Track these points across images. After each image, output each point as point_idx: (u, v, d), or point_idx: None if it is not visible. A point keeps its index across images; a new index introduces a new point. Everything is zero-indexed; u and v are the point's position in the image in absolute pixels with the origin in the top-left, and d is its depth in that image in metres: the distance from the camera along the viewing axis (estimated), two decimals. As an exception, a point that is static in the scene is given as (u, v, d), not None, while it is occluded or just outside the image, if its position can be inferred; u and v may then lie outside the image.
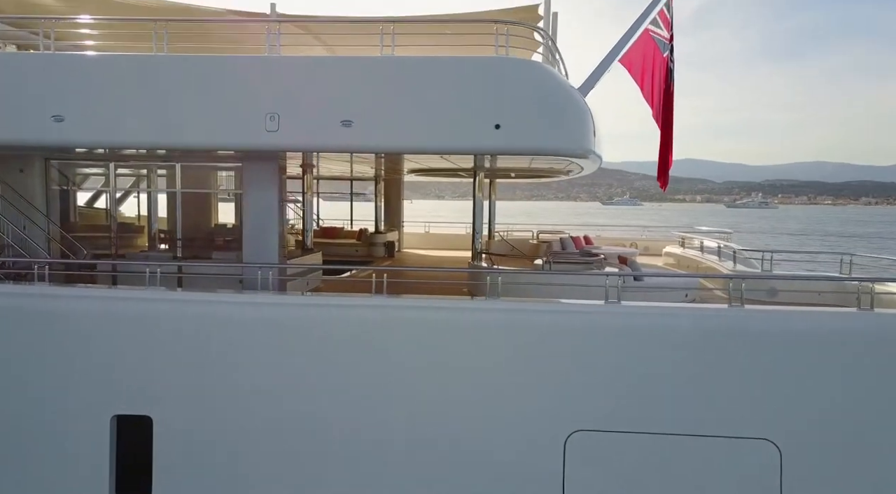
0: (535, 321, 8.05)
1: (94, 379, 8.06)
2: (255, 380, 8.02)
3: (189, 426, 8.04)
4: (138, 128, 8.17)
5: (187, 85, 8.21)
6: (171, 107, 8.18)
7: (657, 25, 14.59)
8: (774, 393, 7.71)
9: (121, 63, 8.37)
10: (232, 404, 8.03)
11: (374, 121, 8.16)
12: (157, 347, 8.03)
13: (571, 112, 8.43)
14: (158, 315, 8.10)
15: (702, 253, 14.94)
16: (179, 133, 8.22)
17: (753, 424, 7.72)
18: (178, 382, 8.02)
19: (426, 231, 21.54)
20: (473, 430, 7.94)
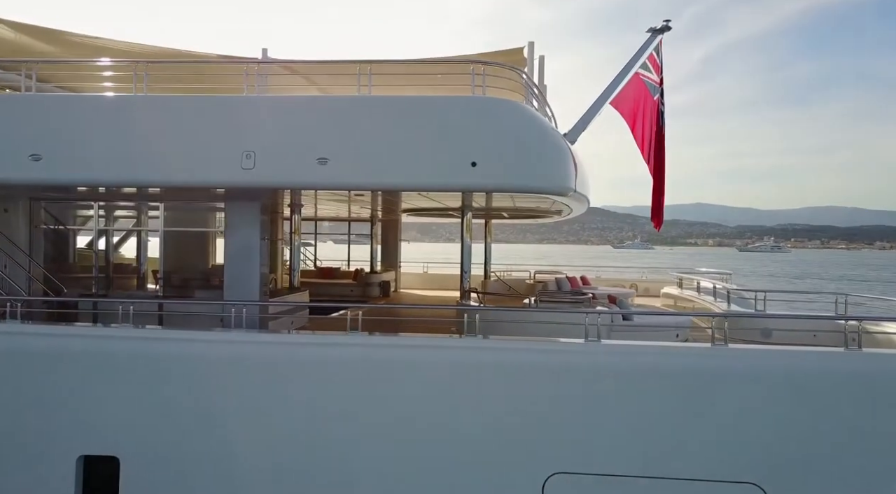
0: (513, 359, 7.88)
1: (62, 419, 7.93)
2: (225, 421, 7.85)
3: (156, 467, 7.84)
4: (115, 166, 8.24)
5: (164, 124, 8.32)
6: (147, 146, 8.27)
7: (647, 69, 14.75)
8: (760, 435, 7.43)
9: (99, 103, 8.52)
10: (200, 445, 7.84)
11: (350, 158, 8.19)
12: (125, 386, 7.91)
13: (548, 150, 8.43)
14: (127, 353, 8.00)
15: (698, 294, 14.73)
16: (156, 171, 8.28)
17: (738, 467, 7.42)
18: (146, 422, 7.86)
19: (424, 271, 21.48)
20: (448, 470, 7.68)
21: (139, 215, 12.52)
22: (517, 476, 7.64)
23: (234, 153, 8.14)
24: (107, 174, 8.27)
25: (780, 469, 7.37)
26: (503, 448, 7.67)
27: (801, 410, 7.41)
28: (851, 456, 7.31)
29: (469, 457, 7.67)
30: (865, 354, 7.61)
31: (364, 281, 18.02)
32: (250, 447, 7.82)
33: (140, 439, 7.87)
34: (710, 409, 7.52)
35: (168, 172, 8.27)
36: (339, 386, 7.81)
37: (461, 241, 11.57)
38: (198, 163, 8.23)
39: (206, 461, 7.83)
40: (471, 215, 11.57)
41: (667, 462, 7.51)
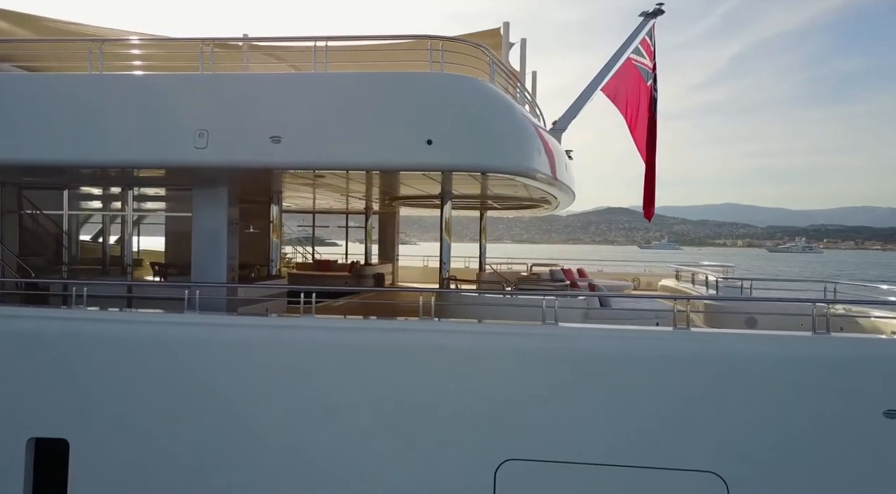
0: (466, 343, 7.64)
1: (13, 400, 7.90)
2: (174, 403, 7.75)
3: (105, 449, 7.77)
4: (65, 146, 8.19)
5: (116, 103, 8.24)
6: (100, 126, 8.19)
7: (639, 54, 14.38)
8: (721, 422, 7.09)
9: (50, 82, 8.48)
10: (149, 427, 7.75)
11: (304, 137, 8.02)
12: (74, 368, 7.85)
13: (507, 129, 8.16)
14: (76, 335, 7.94)
15: (693, 285, 14.32)
16: (108, 150, 8.20)
17: (698, 455, 7.09)
18: (95, 405, 7.79)
19: (425, 264, 21.30)
20: (397, 456, 7.47)
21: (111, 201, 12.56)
22: (469, 463, 7.40)
23: (186, 132, 8.03)
24: (56, 154, 8.22)
25: (741, 458, 7.02)
26: (455, 433, 7.44)
27: (763, 397, 7.05)
28: (815, 445, 6.92)
29: (419, 443, 7.45)
30: (833, 338, 7.21)
31: (358, 274, 17.90)
32: (199, 429, 7.70)
33: (89, 422, 7.80)
34: (670, 395, 7.20)
35: (120, 152, 8.19)
36: (285, 368, 7.65)
37: (440, 231, 11.36)
38: (150, 143, 8.14)
39: (154, 443, 7.73)
40: (450, 204, 11.35)
41: (623, 449, 7.21)
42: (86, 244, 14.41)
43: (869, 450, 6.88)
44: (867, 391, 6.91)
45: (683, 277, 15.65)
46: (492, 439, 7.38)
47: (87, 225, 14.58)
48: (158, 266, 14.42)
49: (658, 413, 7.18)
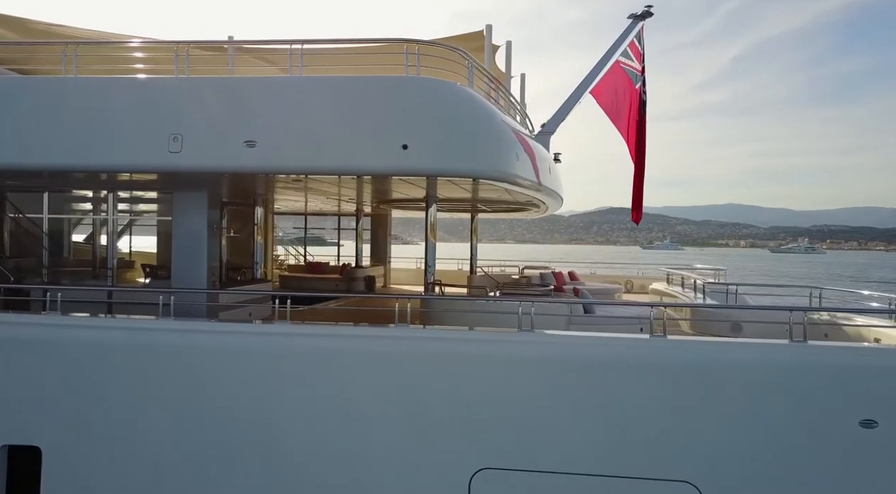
0: (441, 349, 7.57)
1: None
2: (147, 410, 7.69)
3: (77, 458, 7.71)
4: (43, 150, 8.14)
5: (91, 106, 8.18)
6: (75, 129, 8.14)
7: (628, 57, 14.29)
8: (695, 431, 7.01)
9: (27, 85, 8.44)
10: (122, 435, 7.69)
11: (278, 141, 7.96)
12: (47, 374, 7.79)
13: (484, 133, 8.08)
14: (48, 341, 7.89)
15: (682, 289, 14.22)
16: (83, 154, 8.15)
17: (672, 464, 7.02)
18: (67, 412, 7.74)
19: (417, 267, 21.22)
20: (372, 464, 7.41)
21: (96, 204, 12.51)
22: (444, 471, 7.33)
23: (161, 136, 7.97)
24: (31, 158, 8.17)
25: (716, 468, 6.94)
26: (430, 441, 7.37)
27: (740, 405, 6.97)
28: (790, 455, 6.84)
29: (394, 450, 7.38)
30: (810, 347, 7.12)
31: (349, 277, 17.84)
32: (172, 436, 7.65)
33: (60, 430, 7.74)
34: (644, 404, 7.12)
35: (93, 156, 8.13)
36: (259, 375, 7.58)
37: (425, 234, 11.28)
38: (124, 147, 8.08)
39: (126, 451, 7.68)
40: (435, 207, 11.28)
41: (597, 458, 7.14)
42: (79, 245, 14.38)
43: (845, 460, 6.80)
44: (844, 400, 6.83)
45: (674, 281, 15.55)
46: (467, 447, 7.31)
47: (81, 226, 14.57)
48: (150, 267, 14.39)
49: (633, 422, 7.11)
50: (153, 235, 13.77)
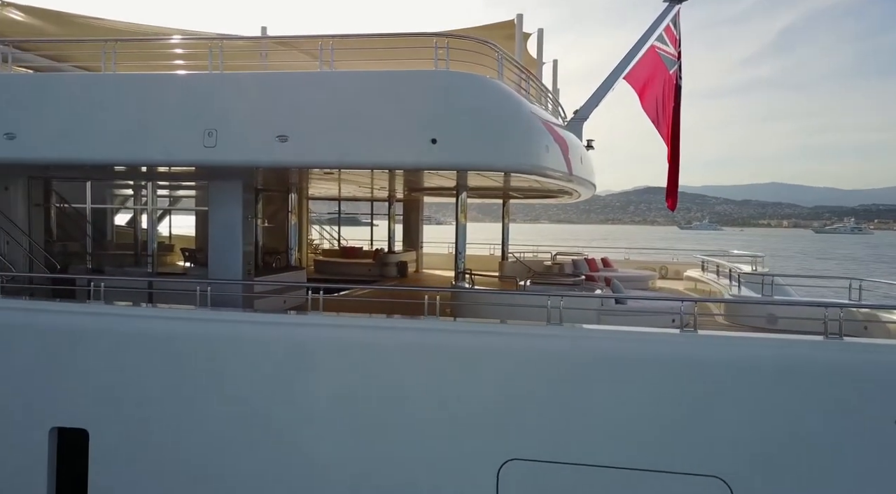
0: (471, 342, 7.65)
1: (37, 391, 8.24)
2: (188, 396, 7.97)
3: (122, 440, 8.07)
4: (81, 145, 8.41)
5: (129, 102, 8.41)
6: (114, 124, 8.39)
7: (663, 42, 13.98)
8: (727, 427, 6.97)
9: (68, 82, 8.70)
10: (164, 420, 8.00)
11: (310, 136, 8.07)
12: (94, 361, 8.14)
13: (512, 126, 8.06)
14: (96, 329, 8.22)
15: (717, 278, 14.03)
16: (121, 150, 8.40)
17: (702, 459, 7.00)
18: (112, 396, 8.08)
19: (449, 252, 21.32)
20: (402, 455, 7.58)
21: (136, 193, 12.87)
22: (472, 462, 7.45)
23: (196, 131, 8.16)
24: (73, 153, 8.45)
25: (747, 464, 6.90)
26: (459, 432, 7.49)
27: (772, 401, 6.90)
28: (822, 452, 6.77)
29: (423, 441, 7.53)
30: (846, 344, 7.00)
31: (382, 262, 18.05)
32: (211, 422, 7.92)
33: (107, 413, 8.09)
34: (675, 399, 7.11)
35: (132, 151, 8.38)
36: (290, 365, 7.78)
37: (455, 221, 11.35)
38: (161, 142, 8.30)
39: (169, 435, 7.99)
40: (465, 195, 11.33)
41: (626, 451, 7.16)
42: (121, 229, 14.86)
43: (878, 458, 6.70)
44: (878, 398, 6.71)
45: (709, 268, 15.34)
46: (495, 438, 7.41)
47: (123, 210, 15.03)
48: (188, 251, 14.81)
49: (663, 416, 7.10)
50: (192, 216, 14.14)
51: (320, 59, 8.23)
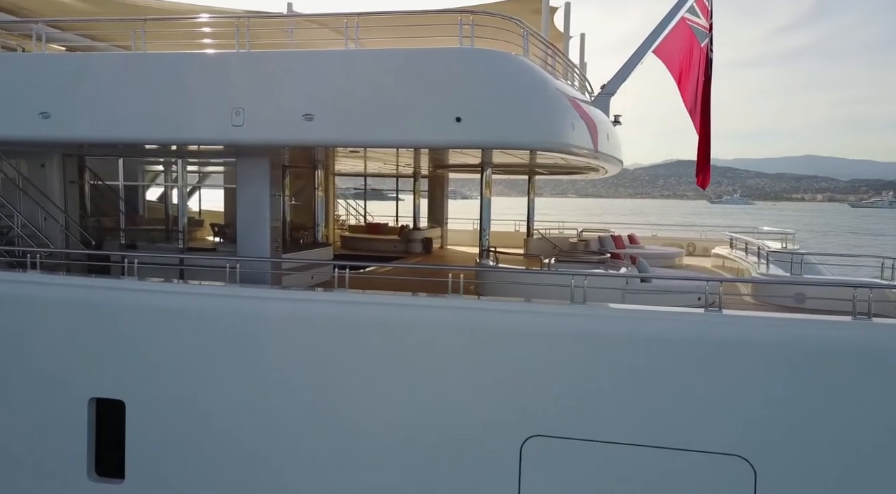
0: (494, 320, 7.73)
1: (76, 363, 8.56)
2: (219, 370, 8.22)
3: (156, 411, 8.36)
4: (114, 123, 8.59)
5: (159, 81, 8.54)
6: (145, 103, 8.54)
7: (694, 14, 13.63)
8: (751, 406, 6.98)
9: (99, 62, 8.85)
10: (198, 393, 8.27)
11: (335, 114, 8.12)
12: (131, 335, 8.40)
13: (537, 103, 8.00)
14: (128, 303, 8.47)
15: (745, 255, 13.85)
16: (151, 128, 8.56)
17: (726, 438, 7.03)
18: (146, 369, 8.36)
19: (474, 228, 21.34)
20: (424, 431, 7.74)
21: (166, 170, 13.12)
22: (495, 438, 7.58)
23: (224, 110, 8.27)
24: (105, 132, 8.64)
25: (771, 444, 6.92)
26: (482, 409, 7.61)
27: (797, 382, 6.88)
28: (848, 434, 6.74)
29: (447, 418, 7.66)
30: (874, 325, 6.91)
31: (407, 238, 18.18)
32: (241, 395, 8.16)
33: (143, 385, 8.39)
34: (699, 377, 7.12)
35: (162, 130, 8.53)
36: (317, 341, 7.95)
37: (480, 198, 11.35)
38: (190, 121, 8.43)
39: (201, 407, 8.26)
40: (490, 171, 11.32)
41: (649, 429, 7.22)
42: (153, 204, 15.19)
43: None
44: None
45: (737, 245, 15.13)
46: (518, 415, 7.51)
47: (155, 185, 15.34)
48: (217, 226, 15.10)
49: (685, 396, 7.13)
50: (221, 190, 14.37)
51: (345, 37, 8.24)
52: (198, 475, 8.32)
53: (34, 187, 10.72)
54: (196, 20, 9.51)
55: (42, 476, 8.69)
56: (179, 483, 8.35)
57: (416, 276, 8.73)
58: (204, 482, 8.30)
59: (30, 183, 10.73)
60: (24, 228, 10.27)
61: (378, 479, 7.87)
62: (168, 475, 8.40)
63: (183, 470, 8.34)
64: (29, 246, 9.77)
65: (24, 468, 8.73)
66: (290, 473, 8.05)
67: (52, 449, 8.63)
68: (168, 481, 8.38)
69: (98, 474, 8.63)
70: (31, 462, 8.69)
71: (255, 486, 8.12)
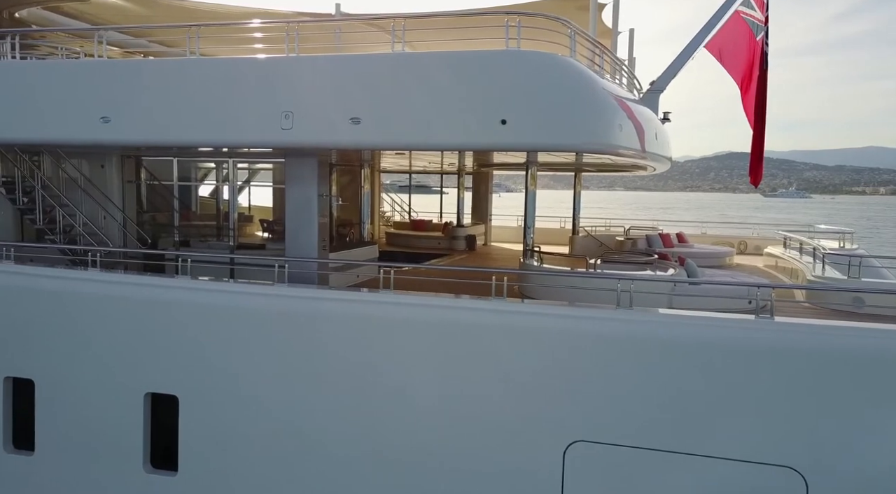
0: (538, 324, 7.69)
1: (132, 358, 8.88)
2: (268, 367, 8.41)
3: (209, 406, 8.62)
4: (169, 127, 8.86)
5: (211, 86, 8.76)
6: (198, 108, 8.78)
7: (749, 6, 13.18)
8: (803, 416, 6.77)
9: (155, 67, 9.13)
10: (243, 389, 8.49)
11: (381, 117, 8.19)
12: (184, 332, 8.68)
13: (585, 105, 7.90)
14: (181, 302, 8.74)
15: (800, 256, 13.41)
16: (206, 131, 8.79)
17: (776, 449, 6.84)
18: (199, 365, 8.62)
19: (518, 224, 21.23)
20: (468, 433, 7.76)
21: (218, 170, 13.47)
22: (538, 442, 7.56)
23: (274, 113, 8.43)
24: (160, 135, 8.92)
25: (824, 456, 6.70)
26: (525, 413, 7.59)
27: (854, 393, 6.64)
28: None
29: (491, 422, 7.67)
30: None
31: (451, 235, 18.23)
32: (290, 392, 8.34)
33: (195, 381, 8.66)
34: (749, 385, 6.94)
35: (214, 133, 8.75)
36: (362, 341, 8.04)
37: (525, 196, 11.28)
38: (241, 124, 8.62)
39: (248, 404, 8.48)
40: (535, 168, 11.25)
41: (696, 438, 7.08)
42: (204, 200, 15.63)
43: None
44: None
45: (791, 245, 14.64)
46: (562, 419, 7.47)
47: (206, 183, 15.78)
48: (267, 222, 15.43)
49: (736, 404, 6.97)
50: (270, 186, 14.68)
51: (392, 40, 8.28)
52: (249, 469, 8.55)
53: (94, 187, 11.16)
54: (247, 25, 9.72)
55: (99, 467, 9.07)
56: (231, 477, 8.60)
57: (461, 278, 8.73)
58: (255, 476, 8.54)
59: (91, 183, 11.17)
60: (85, 226, 10.71)
61: (422, 481, 7.93)
62: (219, 469, 8.66)
63: (234, 465, 8.58)
64: (89, 244, 10.18)
65: (82, 459, 9.12)
66: (338, 470, 8.20)
67: (109, 442, 8.99)
68: (219, 475, 8.64)
69: (153, 466, 8.97)
70: (89, 453, 9.08)
71: (306, 482, 8.30)
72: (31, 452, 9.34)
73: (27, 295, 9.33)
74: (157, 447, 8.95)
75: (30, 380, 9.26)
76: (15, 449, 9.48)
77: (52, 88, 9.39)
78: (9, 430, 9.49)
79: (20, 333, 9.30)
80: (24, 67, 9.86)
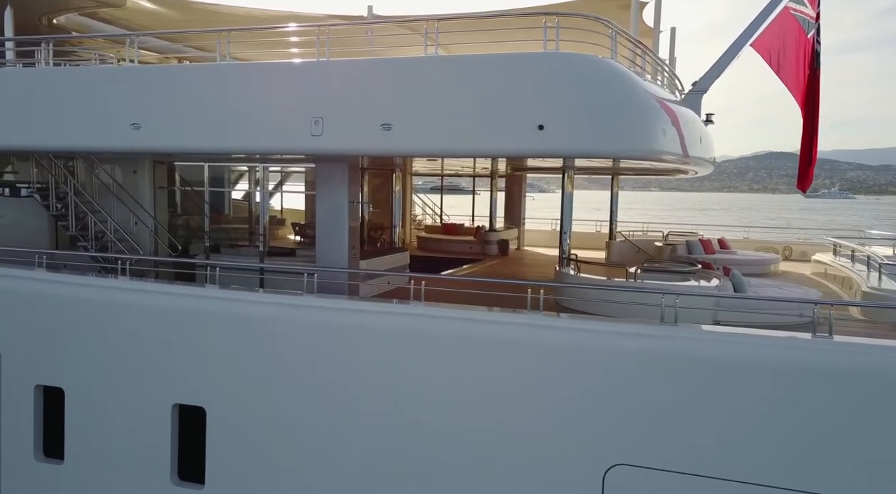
0: (577, 341, 7.32)
1: (161, 369, 8.76)
2: (296, 380, 8.21)
3: (235, 418, 8.45)
4: (199, 134, 8.70)
5: (240, 91, 8.59)
6: (228, 113, 8.61)
7: (799, 2, 12.54)
8: (865, 445, 6.28)
9: (186, 73, 8.99)
10: (277, 400, 8.29)
11: (413, 123, 7.91)
12: (213, 343, 8.52)
13: (626, 110, 7.49)
14: (210, 312, 8.59)
15: (852, 264, 12.71)
16: (236, 137, 8.61)
17: (834, 479, 6.36)
18: (226, 377, 8.45)
19: (553, 228, 20.77)
20: (506, 455, 7.43)
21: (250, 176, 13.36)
22: (578, 465, 7.19)
23: (303, 119, 8.21)
24: (191, 141, 8.77)
25: (873, 486, 6.20)
26: (565, 435, 7.23)
27: None
28: None
29: (527, 442, 7.34)
30: None
31: (483, 240, 17.89)
32: (317, 405, 8.12)
33: (223, 392, 8.49)
34: (804, 410, 6.47)
35: (244, 139, 8.57)
36: (391, 354, 7.76)
37: (561, 200, 10.87)
38: (271, 130, 8.43)
39: (280, 416, 8.29)
40: (572, 172, 10.85)
41: (741, 463, 6.64)
42: (236, 203, 15.59)
43: None
44: None
45: (842, 253, 13.91)
46: (602, 442, 7.10)
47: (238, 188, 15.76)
48: (298, 226, 15.32)
49: (788, 428, 6.50)
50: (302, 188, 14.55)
51: (425, 42, 7.99)
52: (277, 484, 8.36)
53: (126, 192, 11.13)
54: (278, 29, 9.54)
55: (127, 477, 8.98)
56: (258, 489, 8.42)
57: (494, 290, 8.40)
58: (282, 490, 8.34)
59: (123, 189, 11.14)
60: (116, 233, 10.67)
61: None
62: (246, 482, 8.48)
63: (261, 478, 8.39)
64: (120, 250, 10.12)
65: (110, 468, 9.04)
66: (367, 484, 7.95)
67: (136, 452, 8.89)
68: (247, 488, 8.46)
69: (180, 478, 8.83)
70: (117, 463, 9.00)
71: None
72: (60, 461, 9.31)
73: (57, 303, 9.29)
74: (187, 459, 8.82)
75: (59, 389, 9.22)
76: (45, 458, 9.46)
77: (83, 95, 9.34)
78: (39, 439, 9.47)
79: (50, 341, 9.27)
80: (57, 74, 9.85)
